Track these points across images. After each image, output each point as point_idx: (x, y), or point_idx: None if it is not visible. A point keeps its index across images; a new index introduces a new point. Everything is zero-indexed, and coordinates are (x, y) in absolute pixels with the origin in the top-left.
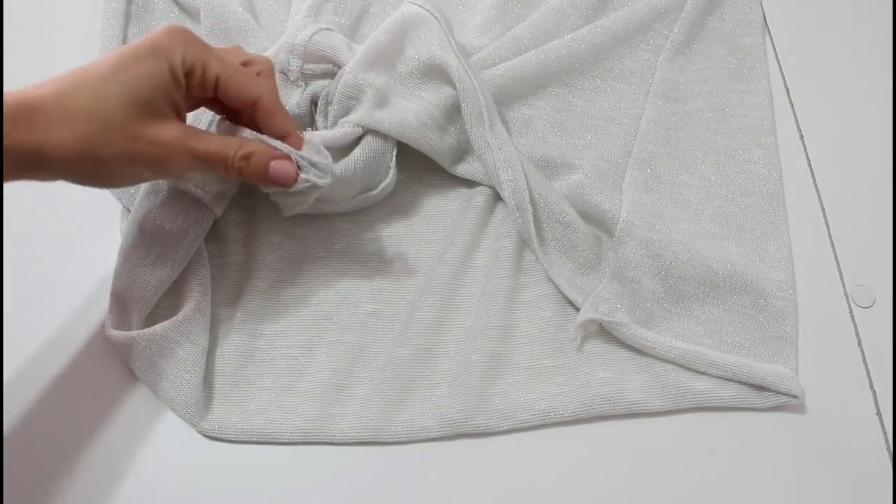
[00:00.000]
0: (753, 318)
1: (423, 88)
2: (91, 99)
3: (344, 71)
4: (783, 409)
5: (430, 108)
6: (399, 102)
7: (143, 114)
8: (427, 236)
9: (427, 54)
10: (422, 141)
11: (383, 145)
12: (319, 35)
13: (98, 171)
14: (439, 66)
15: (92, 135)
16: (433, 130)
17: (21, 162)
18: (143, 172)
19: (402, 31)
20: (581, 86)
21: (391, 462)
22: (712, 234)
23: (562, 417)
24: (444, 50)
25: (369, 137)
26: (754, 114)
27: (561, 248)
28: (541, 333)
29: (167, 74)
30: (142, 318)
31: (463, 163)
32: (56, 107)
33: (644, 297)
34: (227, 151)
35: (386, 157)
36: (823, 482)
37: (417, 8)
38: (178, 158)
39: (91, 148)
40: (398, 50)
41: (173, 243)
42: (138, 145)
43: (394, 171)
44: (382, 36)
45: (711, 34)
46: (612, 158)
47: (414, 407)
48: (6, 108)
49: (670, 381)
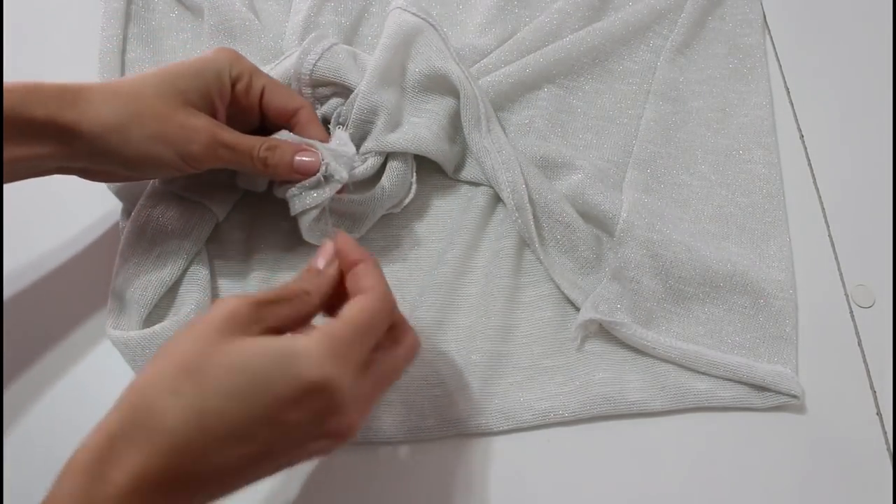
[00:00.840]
0: (753, 319)
1: (428, 101)
2: (132, 85)
3: (357, 94)
4: (783, 409)
5: (440, 119)
6: (409, 119)
7: (177, 102)
8: (427, 236)
9: (427, 67)
10: (437, 152)
11: (404, 166)
12: (323, 61)
13: (125, 151)
14: (440, 75)
15: (126, 113)
16: (444, 140)
17: (57, 134)
18: (169, 157)
19: (401, 45)
20: (581, 87)
21: (391, 462)
22: (712, 234)
23: (562, 417)
24: (444, 59)
25: (393, 163)
26: (754, 114)
27: (561, 248)
28: (541, 333)
29: (212, 76)
30: (142, 318)
31: (465, 168)
32: (99, 90)
33: (644, 298)
34: (253, 142)
35: (408, 175)
36: (823, 482)
37: (410, 16)
38: (205, 145)
39: (123, 125)
40: (401, 67)
41: (174, 244)
42: (167, 126)
43: (415, 186)
44: (385, 53)
45: (711, 34)
46: (612, 158)
47: (414, 407)
48: (52, 90)
49: (670, 382)
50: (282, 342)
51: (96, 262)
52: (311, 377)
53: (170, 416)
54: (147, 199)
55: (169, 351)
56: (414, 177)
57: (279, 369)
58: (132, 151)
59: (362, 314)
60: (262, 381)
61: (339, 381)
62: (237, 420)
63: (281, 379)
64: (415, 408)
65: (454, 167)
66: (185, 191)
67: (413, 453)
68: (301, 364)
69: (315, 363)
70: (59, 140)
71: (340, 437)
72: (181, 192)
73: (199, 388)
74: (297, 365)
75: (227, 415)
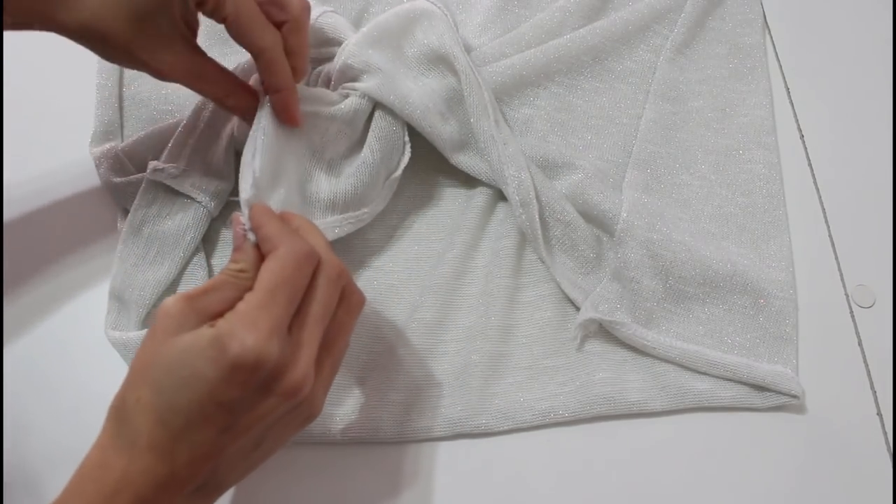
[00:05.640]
0: (754, 318)
1: (427, 75)
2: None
3: (347, 45)
4: (783, 409)
5: (433, 94)
6: (404, 83)
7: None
8: (427, 236)
9: (437, 42)
10: (423, 123)
11: (393, 123)
12: (324, 17)
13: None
14: (446, 55)
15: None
16: (434, 114)
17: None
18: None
19: (413, 17)
20: (581, 86)
21: (391, 462)
22: (712, 234)
23: (562, 417)
24: (453, 42)
25: (378, 119)
26: (754, 113)
27: (561, 246)
28: (541, 333)
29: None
30: (140, 318)
31: (464, 154)
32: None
33: (644, 297)
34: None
35: (398, 134)
36: (823, 482)
37: (427, 3)
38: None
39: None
40: (406, 33)
41: (171, 243)
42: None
43: (409, 147)
44: (391, 18)
45: (711, 34)
46: (612, 158)
47: (414, 407)
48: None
49: (670, 381)
50: (207, 330)
51: (95, 263)
52: (231, 354)
53: (138, 420)
54: (142, 198)
55: (134, 357)
56: (406, 137)
57: (205, 356)
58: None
59: (268, 275)
60: (196, 371)
61: (258, 347)
62: (187, 410)
63: (209, 364)
64: (415, 408)
65: (452, 149)
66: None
67: (413, 453)
68: (222, 344)
69: (232, 340)
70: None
71: (293, 395)
72: (173, 184)
73: (151, 389)
74: (220, 346)
75: (177, 407)
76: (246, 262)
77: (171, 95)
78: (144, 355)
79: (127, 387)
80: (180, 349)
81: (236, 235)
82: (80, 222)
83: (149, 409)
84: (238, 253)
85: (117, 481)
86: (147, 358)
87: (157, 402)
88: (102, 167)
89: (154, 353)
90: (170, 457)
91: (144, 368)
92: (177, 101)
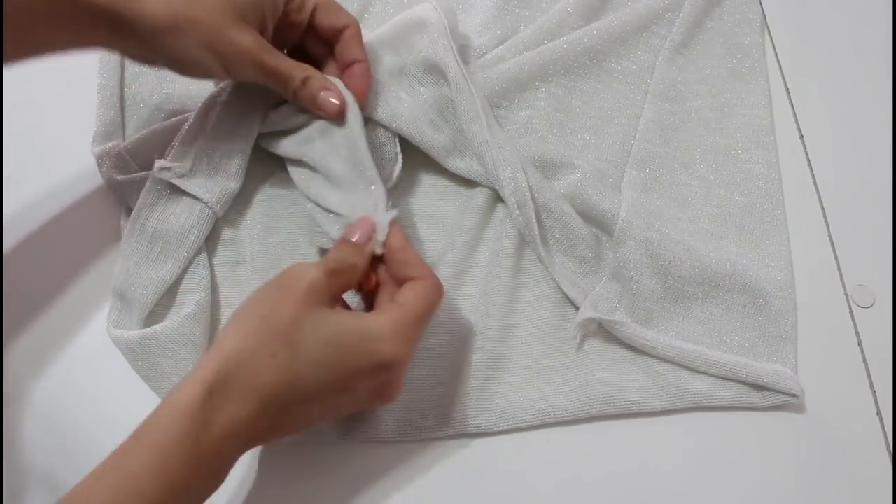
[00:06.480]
0: (753, 318)
1: (423, 84)
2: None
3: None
4: (783, 409)
5: (424, 105)
6: (398, 93)
7: (232, 15)
8: (427, 236)
9: (431, 50)
10: (414, 133)
11: (384, 134)
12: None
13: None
14: (438, 64)
15: (183, 17)
16: (426, 124)
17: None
18: (215, 67)
19: (410, 25)
20: (580, 86)
21: (391, 462)
22: (711, 233)
23: (561, 417)
24: (446, 52)
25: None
26: (753, 113)
27: (560, 246)
28: (541, 333)
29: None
30: (142, 317)
31: (459, 159)
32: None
33: (643, 297)
34: (291, 73)
35: (390, 143)
36: (823, 482)
37: (425, 10)
38: (248, 65)
39: (178, 28)
40: (404, 42)
41: (175, 242)
42: (219, 40)
43: (400, 157)
44: (389, 29)
45: (710, 34)
46: (611, 158)
47: (414, 407)
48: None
49: (670, 381)
50: (361, 322)
51: (97, 262)
52: (383, 357)
53: (266, 375)
54: (146, 197)
55: (259, 314)
56: (398, 147)
57: (358, 347)
58: (181, 55)
59: (423, 303)
60: (345, 356)
61: (403, 360)
62: (320, 385)
63: (359, 355)
64: (415, 408)
65: (446, 156)
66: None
67: (413, 453)
68: (376, 344)
69: (388, 345)
70: (113, 30)
71: (390, 399)
72: (179, 183)
73: (292, 355)
74: (373, 344)
75: (312, 380)
76: (362, 263)
77: (172, 95)
78: (284, 318)
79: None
80: (334, 329)
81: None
82: (82, 219)
83: (282, 370)
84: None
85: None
86: (289, 322)
87: (294, 366)
88: (104, 165)
89: (297, 317)
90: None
91: (285, 331)
92: (179, 101)
